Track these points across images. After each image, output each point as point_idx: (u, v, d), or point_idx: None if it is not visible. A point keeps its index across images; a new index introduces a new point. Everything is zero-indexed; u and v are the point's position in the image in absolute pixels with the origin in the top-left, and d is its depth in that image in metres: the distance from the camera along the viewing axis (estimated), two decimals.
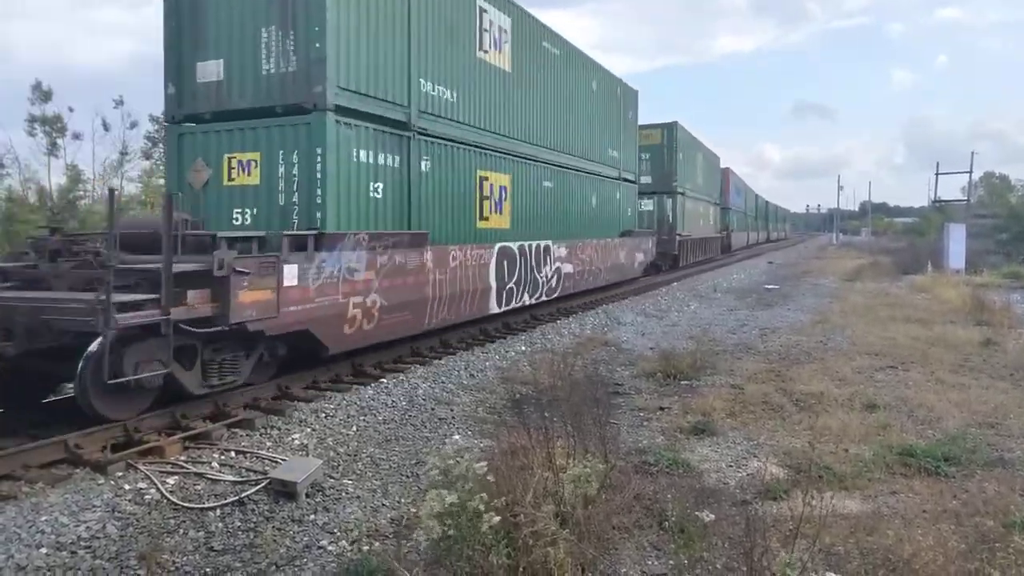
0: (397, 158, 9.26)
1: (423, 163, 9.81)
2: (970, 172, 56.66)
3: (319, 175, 7.99)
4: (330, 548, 4.47)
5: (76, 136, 31.28)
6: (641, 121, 21.94)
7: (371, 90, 8.65)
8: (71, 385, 6.39)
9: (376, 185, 8.83)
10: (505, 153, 12.26)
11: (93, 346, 5.74)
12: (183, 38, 8.62)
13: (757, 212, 62.72)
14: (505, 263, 11.94)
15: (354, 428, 6.88)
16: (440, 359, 9.98)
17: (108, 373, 5.49)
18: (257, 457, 5.89)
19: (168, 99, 8.83)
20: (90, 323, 5.46)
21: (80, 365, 5.78)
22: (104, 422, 5.84)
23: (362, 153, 8.56)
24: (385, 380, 8.56)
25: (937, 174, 59.23)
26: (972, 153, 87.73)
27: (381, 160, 8.92)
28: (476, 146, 11.28)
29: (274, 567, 4.24)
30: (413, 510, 4.83)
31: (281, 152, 8.20)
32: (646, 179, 24.27)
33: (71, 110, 31.56)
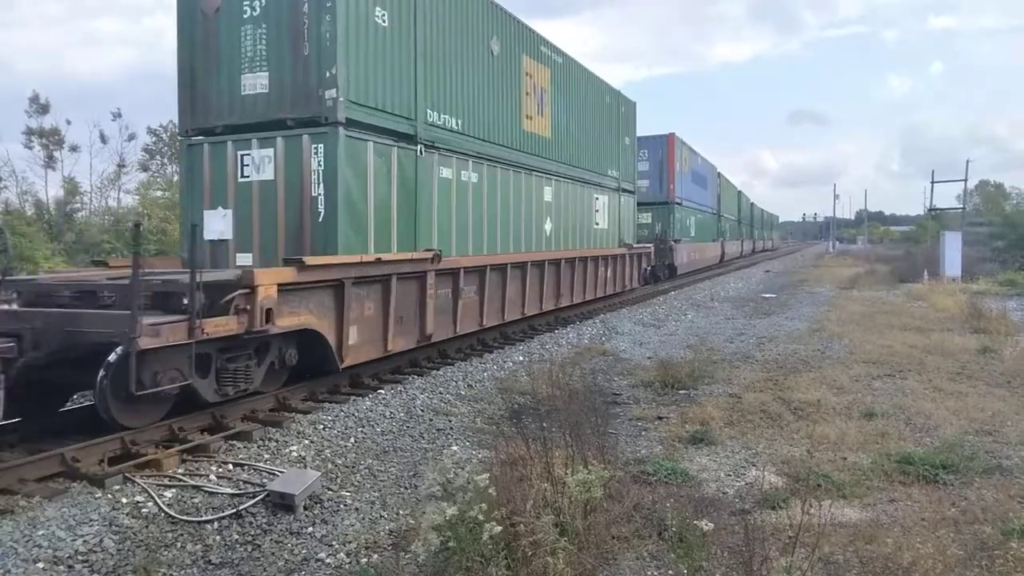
0: None
1: None
2: (965, 180, 56.73)
3: None
4: (328, 561, 4.45)
5: (74, 148, 31.33)
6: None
7: None
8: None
9: None
10: None
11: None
12: None
13: (740, 216, 48.65)
14: None
15: (352, 440, 6.86)
16: (438, 370, 9.97)
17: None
18: (255, 469, 5.87)
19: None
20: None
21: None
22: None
23: None
24: (383, 391, 8.55)
25: (933, 182, 59.19)
26: (967, 161, 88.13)
27: None
28: None
29: None
30: (412, 521, 4.82)
31: None
32: (258, 77, 8.41)
33: (68, 123, 31.42)
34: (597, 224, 17.06)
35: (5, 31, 62.04)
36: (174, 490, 5.32)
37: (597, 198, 17.02)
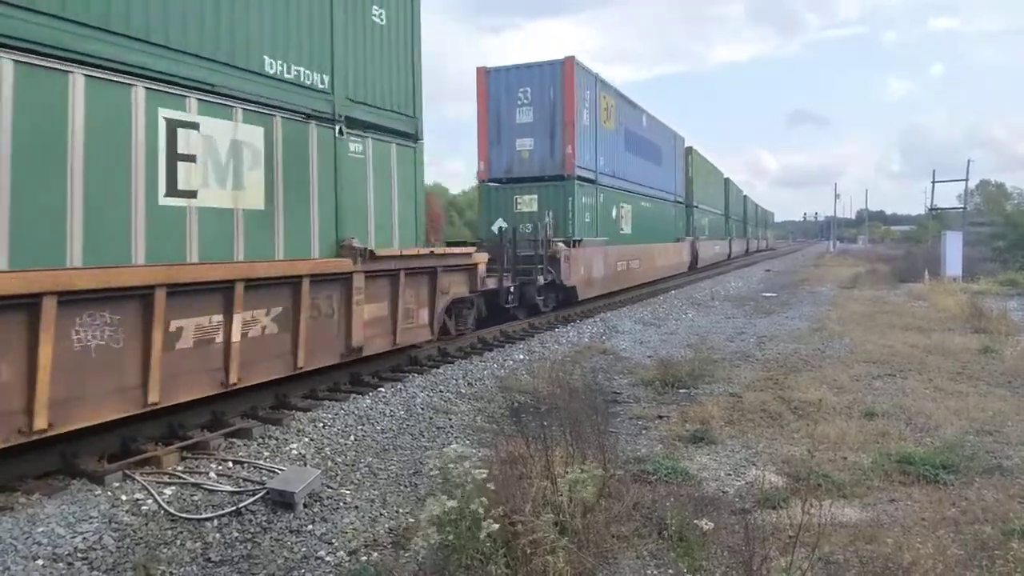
0: None
1: None
2: (966, 180, 56.81)
3: None
4: (328, 559, 4.45)
5: None
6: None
7: None
8: None
9: None
10: None
11: None
12: None
13: (729, 210, 42.22)
14: None
15: (352, 438, 6.86)
16: (438, 368, 9.97)
17: None
18: (254, 467, 5.87)
19: None
20: None
21: None
22: None
23: None
24: (383, 389, 8.54)
25: (934, 182, 59.24)
26: (968, 161, 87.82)
27: None
28: None
29: None
30: (411, 520, 4.82)
31: None
32: None
33: None
34: (190, 200, 6.35)
35: None
36: (174, 487, 5.32)
37: (210, 134, 6.52)
